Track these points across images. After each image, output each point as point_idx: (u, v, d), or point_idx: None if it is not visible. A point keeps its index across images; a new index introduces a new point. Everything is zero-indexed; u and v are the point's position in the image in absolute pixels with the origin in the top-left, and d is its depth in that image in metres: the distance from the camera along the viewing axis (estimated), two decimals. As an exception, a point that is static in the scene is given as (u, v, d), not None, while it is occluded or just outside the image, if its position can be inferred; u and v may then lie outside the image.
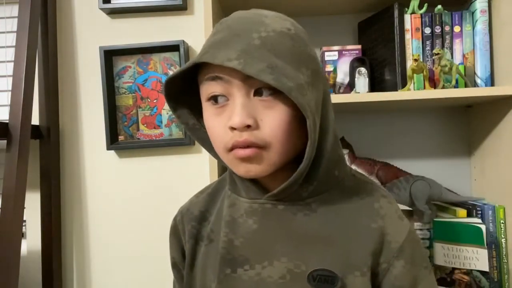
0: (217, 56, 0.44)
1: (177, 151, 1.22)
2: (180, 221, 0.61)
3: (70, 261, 1.24)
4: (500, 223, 0.95)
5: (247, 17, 0.49)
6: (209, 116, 0.49)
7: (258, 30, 0.46)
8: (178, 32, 1.22)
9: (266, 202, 0.53)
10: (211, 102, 0.49)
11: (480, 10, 0.98)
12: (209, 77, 0.48)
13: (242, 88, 0.46)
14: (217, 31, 0.49)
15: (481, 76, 0.99)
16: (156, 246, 1.22)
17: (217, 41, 0.47)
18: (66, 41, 1.24)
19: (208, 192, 0.62)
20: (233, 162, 0.49)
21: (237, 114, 0.45)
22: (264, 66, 0.43)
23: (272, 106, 0.46)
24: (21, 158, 1.00)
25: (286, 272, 0.50)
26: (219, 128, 0.48)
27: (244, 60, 0.43)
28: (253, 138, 0.46)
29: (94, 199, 1.24)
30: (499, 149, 1.00)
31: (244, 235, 0.52)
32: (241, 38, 0.45)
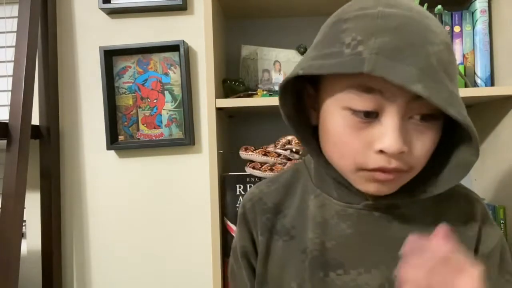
0: (393, 71, 0.38)
1: (177, 151, 1.22)
2: (250, 209, 0.57)
3: (70, 261, 1.24)
4: (500, 223, 0.95)
5: (412, 17, 0.41)
6: (345, 127, 0.44)
7: (431, 41, 0.41)
8: (178, 32, 1.22)
9: (362, 208, 0.51)
10: (352, 113, 0.43)
11: (480, 10, 0.98)
12: (361, 87, 0.42)
13: (403, 109, 0.41)
14: (380, 28, 0.40)
15: (481, 76, 0.99)
16: (156, 246, 1.22)
17: (388, 49, 0.39)
18: (66, 41, 1.24)
19: (282, 183, 0.58)
20: (360, 180, 0.46)
21: (393, 139, 0.40)
22: (447, 95, 0.39)
23: (424, 131, 0.43)
24: (21, 158, 1.00)
25: (385, 280, 0.49)
26: (358, 145, 0.43)
27: (426, 84, 0.38)
28: (402, 165, 0.43)
29: (94, 199, 1.24)
30: (499, 149, 1.00)
31: (337, 239, 0.51)
32: (417, 51, 0.39)
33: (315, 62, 0.44)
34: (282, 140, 0.97)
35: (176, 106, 1.20)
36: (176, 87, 1.20)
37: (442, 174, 0.48)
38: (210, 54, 0.92)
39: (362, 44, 0.40)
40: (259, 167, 0.96)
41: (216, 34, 0.97)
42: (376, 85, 0.41)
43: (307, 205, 0.54)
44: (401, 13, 0.41)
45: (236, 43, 1.16)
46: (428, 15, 0.44)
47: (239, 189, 0.96)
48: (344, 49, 0.42)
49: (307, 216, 0.53)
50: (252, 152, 0.98)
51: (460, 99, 0.42)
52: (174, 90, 1.20)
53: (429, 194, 0.47)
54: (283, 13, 1.14)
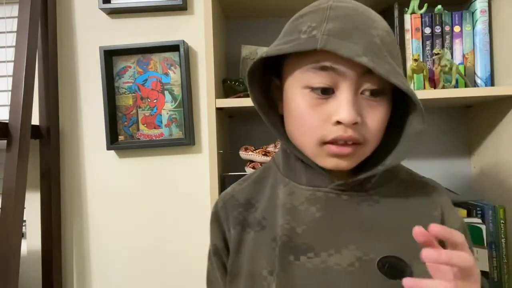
0: (342, 46, 0.44)
1: (177, 151, 1.22)
2: (222, 207, 0.60)
3: (70, 261, 1.24)
4: (500, 223, 0.95)
5: (357, 10, 0.48)
6: (305, 105, 0.49)
7: (374, 26, 0.47)
8: (178, 32, 1.22)
9: (330, 192, 0.53)
10: (311, 90, 0.48)
11: (480, 10, 0.98)
12: (319, 66, 0.47)
13: (354, 84, 0.47)
14: (330, 17, 0.47)
15: (481, 76, 0.99)
16: (156, 245, 1.22)
17: (337, 30, 0.45)
18: (66, 41, 1.24)
19: (253, 180, 0.61)
20: (322, 155, 0.50)
21: (347, 110, 0.45)
22: (389, 67, 0.45)
23: (375, 105, 0.48)
24: (21, 158, 1.00)
25: (355, 259, 0.50)
26: (317, 119, 0.48)
27: (371, 58, 0.44)
28: (356, 135, 0.47)
29: (94, 199, 1.24)
30: (499, 149, 1.00)
31: (307, 223, 0.52)
32: (362, 33, 0.46)
33: (276, 47, 0.49)
34: (282, 140, 0.97)
35: (176, 106, 1.20)
36: (176, 87, 1.20)
37: (397, 147, 0.51)
38: (210, 54, 0.92)
39: (315, 29, 0.47)
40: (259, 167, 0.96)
41: (216, 34, 0.97)
42: (329, 63, 0.46)
43: (277, 196, 0.56)
44: (348, 6, 0.49)
45: (236, 43, 1.16)
46: (371, 10, 0.51)
47: (239, 189, 0.96)
48: (300, 35, 0.48)
49: (277, 205, 0.55)
50: (252, 152, 0.98)
51: (403, 76, 0.47)
52: (174, 90, 1.20)
53: (387, 166, 0.50)
54: (283, 13, 1.14)
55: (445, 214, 0.55)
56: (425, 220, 0.51)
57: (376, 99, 0.48)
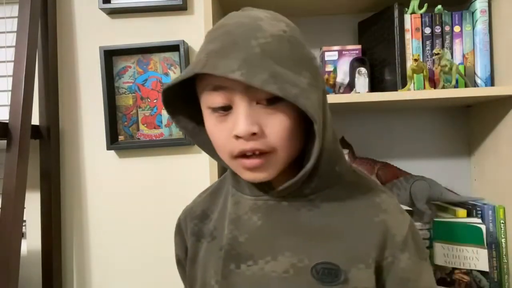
0: (218, 66, 0.44)
1: (177, 151, 1.22)
2: (183, 220, 0.63)
3: (70, 261, 1.24)
4: (500, 223, 0.95)
5: (243, 22, 0.48)
6: (212, 124, 0.50)
7: (256, 36, 0.46)
8: (178, 32, 1.22)
9: (269, 199, 0.54)
10: (212, 111, 0.49)
11: (480, 10, 0.98)
12: (210, 87, 0.48)
13: (244, 97, 0.47)
14: (213, 37, 0.48)
15: (481, 76, 0.99)
16: (156, 245, 1.22)
17: (216, 50, 0.46)
18: (66, 41, 1.24)
19: (210, 192, 0.64)
20: (239, 169, 0.51)
21: (242, 123, 0.46)
22: (267, 75, 0.44)
23: (274, 112, 0.47)
24: (21, 158, 1.00)
25: (289, 266, 0.50)
26: (223, 136, 0.49)
27: (246, 70, 0.43)
28: (259, 145, 0.47)
29: (94, 199, 1.24)
30: (499, 149, 1.00)
31: (249, 232, 0.53)
32: (241, 47, 0.45)
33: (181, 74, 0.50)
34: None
35: (176, 106, 1.20)
36: (176, 87, 1.20)
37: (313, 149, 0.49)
38: (210, 54, 0.92)
39: (203, 52, 0.48)
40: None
41: (216, 34, 0.97)
42: (219, 82, 0.47)
43: (226, 206, 0.58)
44: (235, 21, 0.48)
45: (236, 43, 1.16)
46: (265, 18, 0.49)
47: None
48: (197, 58, 0.48)
49: (226, 216, 0.57)
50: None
51: (294, 79, 0.46)
52: (174, 90, 1.20)
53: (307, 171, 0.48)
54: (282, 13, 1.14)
55: (389, 219, 0.52)
56: (364, 226, 0.52)
57: (274, 106, 0.47)
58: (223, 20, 0.51)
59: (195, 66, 0.47)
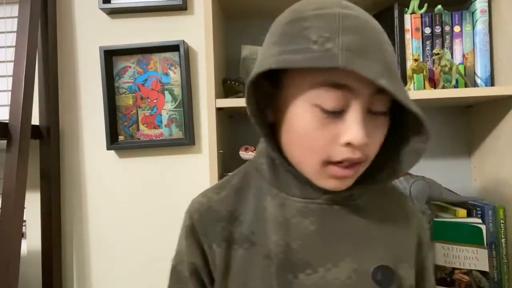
0: (365, 67, 0.41)
1: (177, 151, 1.22)
2: (199, 220, 0.54)
3: (70, 261, 1.24)
4: (500, 223, 0.95)
5: (366, 20, 0.45)
6: (313, 124, 0.45)
7: (385, 41, 0.45)
8: (178, 32, 1.22)
9: (323, 203, 0.52)
10: (321, 110, 0.45)
11: (480, 10, 0.98)
12: (331, 83, 0.44)
13: (365, 103, 0.45)
14: (344, 28, 0.43)
15: (481, 76, 0.99)
16: (157, 245, 1.22)
17: (355, 46, 0.42)
18: (66, 41, 1.24)
19: (233, 189, 0.56)
20: (322, 176, 0.48)
21: (360, 132, 0.43)
22: (404, 89, 0.44)
23: (380, 125, 0.47)
24: (21, 158, 1.00)
25: (352, 271, 0.49)
26: (324, 139, 0.45)
27: (389, 79, 0.41)
28: (363, 156, 0.46)
29: (94, 199, 1.24)
30: (499, 149, 1.00)
31: (302, 238, 0.50)
32: (378, 49, 0.43)
33: (285, 56, 0.44)
34: (282, 140, 0.97)
35: (176, 106, 1.20)
36: (176, 87, 1.20)
37: (395, 163, 0.51)
38: (210, 54, 0.92)
39: (329, 42, 0.42)
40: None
41: (216, 34, 0.97)
42: (344, 81, 0.43)
43: (264, 207, 0.52)
44: (357, 14, 0.45)
45: (236, 43, 1.16)
46: (375, 21, 0.48)
47: (239, 189, 0.96)
48: (311, 45, 0.43)
49: (266, 218, 0.52)
50: (252, 152, 0.98)
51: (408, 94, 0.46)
52: (174, 90, 1.20)
53: (386, 182, 0.51)
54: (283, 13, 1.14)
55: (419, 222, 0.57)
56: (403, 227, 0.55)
57: (380, 117, 0.47)
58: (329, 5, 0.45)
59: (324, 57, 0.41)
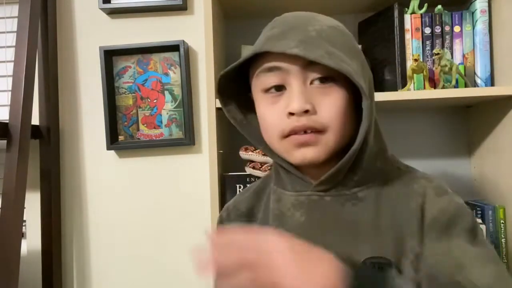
0: (276, 45, 0.48)
1: (177, 151, 1.22)
2: (226, 217, 0.63)
3: (70, 261, 1.24)
4: (500, 223, 0.95)
5: (300, 14, 0.54)
6: (265, 105, 0.52)
7: (313, 24, 0.51)
8: (178, 32, 1.22)
9: (312, 194, 0.54)
10: (266, 92, 0.52)
11: (480, 10, 0.98)
12: (266, 68, 0.51)
13: (300, 76, 0.49)
14: (273, 26, 0.53)
15: (481, 76, 0.99)
16: (156, 245, 1.22)
17: (275, 34, 0.50)
18: (66, 41, 1.24)
19: (254, 190, 0.64)
20: (288, 149, 0.52)
21: (296, 100, 0.48)
22: (323, 52, 0.47)
23: (327, 92, 0.50)
24: (21, 158, 1.00)
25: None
26: (275, 116, 0.51)
27: (303, 48, 0.47)
28: (311, 122, 0.49)
29: (94, 199, 1.24)
30: (499, 149, 1.00)
31: (293, 228, 0.53)
32: (298, 31, 0.50)
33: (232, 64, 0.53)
34: (282, 140, 0.97)
35: (176, 106, 1.20)
36: (176, 87, 1.20)
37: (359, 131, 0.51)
38: (210, 54, 0.92)
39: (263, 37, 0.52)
40: (259, 167, 0.96)
41: (216, 34, 0.97)
42: (274, 63, 0.50)
43: (269, 204, 0.59)
44: (293, 15, 0.54)
45: (236, 43, 1.16)
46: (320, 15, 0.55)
47: (239, 189, 0.96)
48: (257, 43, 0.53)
49: (269, 213, 0.58)
50: (252, 152, 0.98)
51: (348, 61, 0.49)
52: (174, 90, 1.20)
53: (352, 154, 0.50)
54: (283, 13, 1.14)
55: (427, 203, 0.53)
56: (405, 216, 0.52)
57: (326, 85, 0.50)
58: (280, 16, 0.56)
59: (254, 48, 0.50)
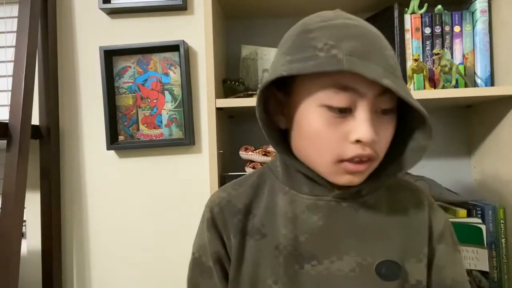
0: (367, 69, 0.44)
1: (177, 151, 1.22)
2: (218, 213, 0.59)
3: (70, 261, 1.24)
4: (500, 223, 0.95)
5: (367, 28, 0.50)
6: (322, 123, 0.49)
7: (386, 47, 0.49)
8: (178, 32, 1.22)
9: (332, 200, 0.55)
10: (328, 109, 0.48)
11: (480, 10, 0.98)
12: (340, 85, 0.47)
13: (371, 103, 0.48)
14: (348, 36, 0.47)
15: (481, 76, 0.99)
16: (156, 245, 1.22)
17: (358, 51, 0.46)
18: (66, 41, 1.24)
19: (250, 185, 0.61)
20: (336, 172, 0.51)
21: (367, 130, 0.47)
22: (406, 88, 0.47)
23: (386, 122, 0.50)
24: (21, 158, 1.00)
25: (355, 265, 0.53)
26: (334, 138, 0.49)
27: (391, 80, 0.45)
28: (373, 153, 0.49)
29: (94, 199, 1.24)
30: (499, 149, 1.00)
31: (309, 231, 0.54)
32: (379, 53, 0.47)
33: (295, 65, 0.48)
34: (282, 140, 0.97)
35: (176, 106, 1.20)
36: (176, 87, 1.20)
37: (400, 159, 0.54)
38: (210, 54, 0.92)
39: (334, 48, 0.46)
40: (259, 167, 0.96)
41: (216, 34, 0.97)
42: (350, 83, 0.47)
43: (276, 203, 0.57)
44: (359, 24, 0.50)
45: (236, 43, 1.16)
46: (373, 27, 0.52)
47: (239, 189, 0.96)
48: (317, 53, 0.47)
49: (276, 213, 0.57)
50: (252, 152, 0.98)
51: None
52: (174, 90, 1.20)
53: (391, 177, 0.54)
54: (283, 13, 1.14)
55: (431, 216, 0.58)
56: (413, 222, 0.57)
57: (387, 116, 0.50)
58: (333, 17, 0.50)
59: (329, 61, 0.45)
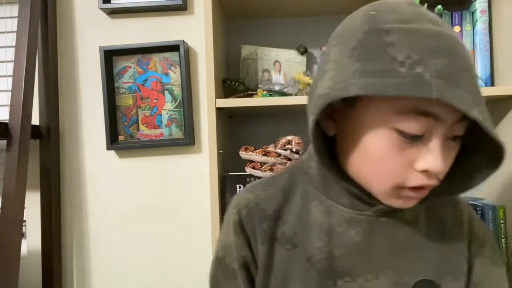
0: (457, 97, 0.38)
1: (177, 151, 1.22)
2: (246, 216, 0.54)
3: (70, 261, 1.24)
4: (500, 223, 0.95)
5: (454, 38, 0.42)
6: (389, 146, 0.44)
7: (472, 64, 0.43)
8: (178, 32, 1.22)
9: (372, 215, 0.52)
10: (399, 133, 0.43)
11: (480, 10, 0.98)
12: (417, 111, 0.41)
13: (447, 131, 0.43)
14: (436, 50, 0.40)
15: (481, 76, 0.99)
16: (156, 245, 1.22)
17: (447, 72, 0.39)
18: (66, 41, 1.24)
19: (280, 188, 0.56)
20: (392, 196, 0.47)
21: (439, 161, 0.42)
22: (489, 118, 0.41)
23: (454, 148, 0.46)
24: (21, 158, 1.00)
25: (391, 283, 0.50)
26: (399, 164, 0.44)
27: (479, 110, 0.39)
28: (438, 182, 0.45)
29: (94, 199, 1.24)
30: (499, 149, 1.00)
31: (345, 246, 0.51)
32: (469, 75, 0.41)
33: (370, 80, 0.40)
34: (282, 140, 0.97)
35: (176, 106, 1.20)
36: (176, 87, 1.20)
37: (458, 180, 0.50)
38: (210, 54, 0.92)
39: (419, 65, 0.39)
40: (259, 167, 0.96)
41: (216, 34, 0.97)
42: (430, 108, 0.41)
43: (309, 211, 0.53)
44: (447, 33, 0.42)
45: (236, 43, 1.16)
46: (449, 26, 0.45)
47: (239, 189, 0.96)
48: (397, 67, 0.40)
49: (310, 222, 0.53)
50: (252, 152, 0.98)
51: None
52: (174, 90, 1.20)
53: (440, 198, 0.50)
54: (283, 13, 1.14)
55: (472, 229, 0.55)
56: (454, 238, 0.54)
57: (455, 142, 0.45)
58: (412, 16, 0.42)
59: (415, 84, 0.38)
